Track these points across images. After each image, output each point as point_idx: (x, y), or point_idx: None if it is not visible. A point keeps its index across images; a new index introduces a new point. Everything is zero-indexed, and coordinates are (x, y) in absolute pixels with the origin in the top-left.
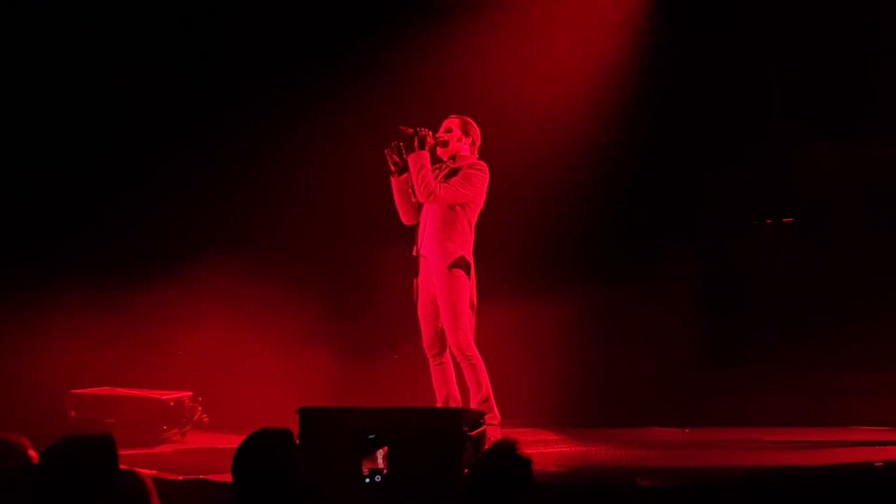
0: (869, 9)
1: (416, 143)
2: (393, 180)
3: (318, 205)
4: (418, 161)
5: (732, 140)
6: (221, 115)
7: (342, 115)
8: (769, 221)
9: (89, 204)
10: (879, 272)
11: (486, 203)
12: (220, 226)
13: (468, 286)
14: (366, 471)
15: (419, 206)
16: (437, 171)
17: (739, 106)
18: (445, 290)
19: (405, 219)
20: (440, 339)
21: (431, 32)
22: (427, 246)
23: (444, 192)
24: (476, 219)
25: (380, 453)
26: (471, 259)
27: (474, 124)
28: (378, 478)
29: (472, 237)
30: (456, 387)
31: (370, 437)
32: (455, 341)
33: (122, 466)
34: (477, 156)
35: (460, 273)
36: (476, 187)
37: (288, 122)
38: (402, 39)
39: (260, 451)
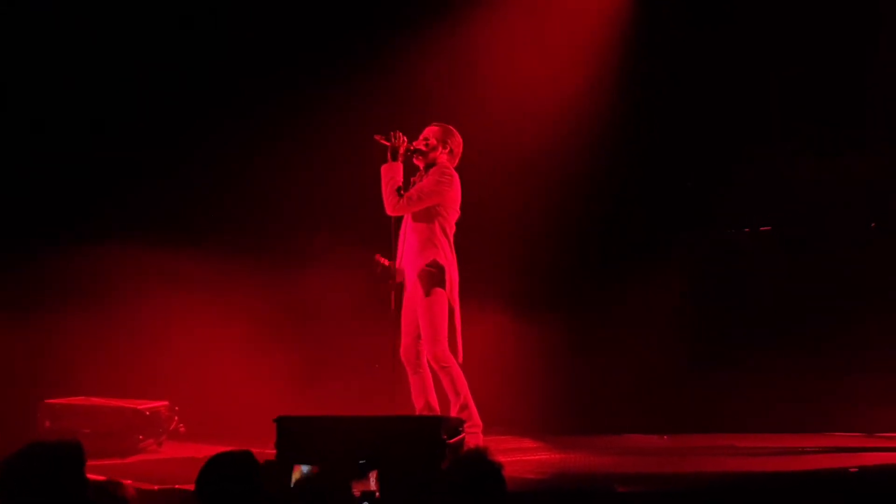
0: (867, 15)
1: (388, 155)
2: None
3: (298, 209)
4: (389, 173)
5: (721, 146)
6: (206, 121)
7: (326, 116)
8: (747, 230)
9: (64, 210)
10: (861, 280)
11: (469, 208)
12: (196, 234)
13: (445, 294)
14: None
15: (398, 221)
16: (414, 181)
17: (732, 111)
18: (422, 300)
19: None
20: (418, 350)
21: (420, 31)
22: (404, 258)
23: (408, 201)
24: (451, 227)
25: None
26: (446, 264)
27: (455, 133)
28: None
29: (447, 244)
30: (434, 396)
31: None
32: (431, 352)
33: (101, 476)
34: (455, 164)
35: (436, 281)
36: (439, 193)
37: (275, 123)
38: (389, 41)
39: (223, 475)
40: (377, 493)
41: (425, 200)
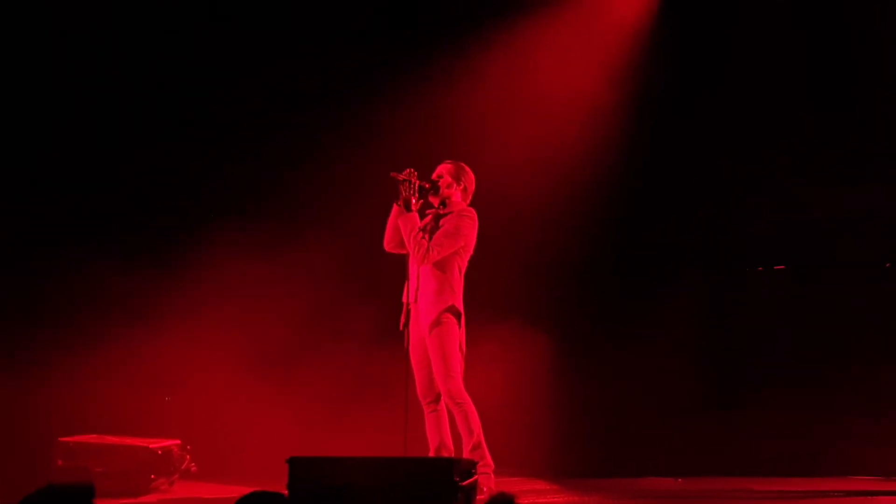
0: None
1: (402, 205)
2: (395, 207)
3: (310, 248)
4: (408, 224)
5: (730, 184)
6: (210, 152)
7: (338, 164)
8: (760, 269)
9: (70, 242)
10: (879, 320)
11: (483, 245)
12: (209, 270)
13: (458, 334)
14: None
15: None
16: (427, 217)
17: (740, 148)
18: (436, 339)
19: (388, 245)
20: (434, 387)
21: (425, 72)
22: (418, 295)
23: (437, 251)
24: (466, 265)
25: None
26: (461, 307)
27: (468, 170)
28: None
29: (462, 284)
30: (449, 435)
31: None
32: (446, 389)
33: None
34: (469, 201)
35: (451, 321)
36: (465, 236)
37: (283, 163)
38: (396, 83)
39: None
40: None
41: (452, 245)
